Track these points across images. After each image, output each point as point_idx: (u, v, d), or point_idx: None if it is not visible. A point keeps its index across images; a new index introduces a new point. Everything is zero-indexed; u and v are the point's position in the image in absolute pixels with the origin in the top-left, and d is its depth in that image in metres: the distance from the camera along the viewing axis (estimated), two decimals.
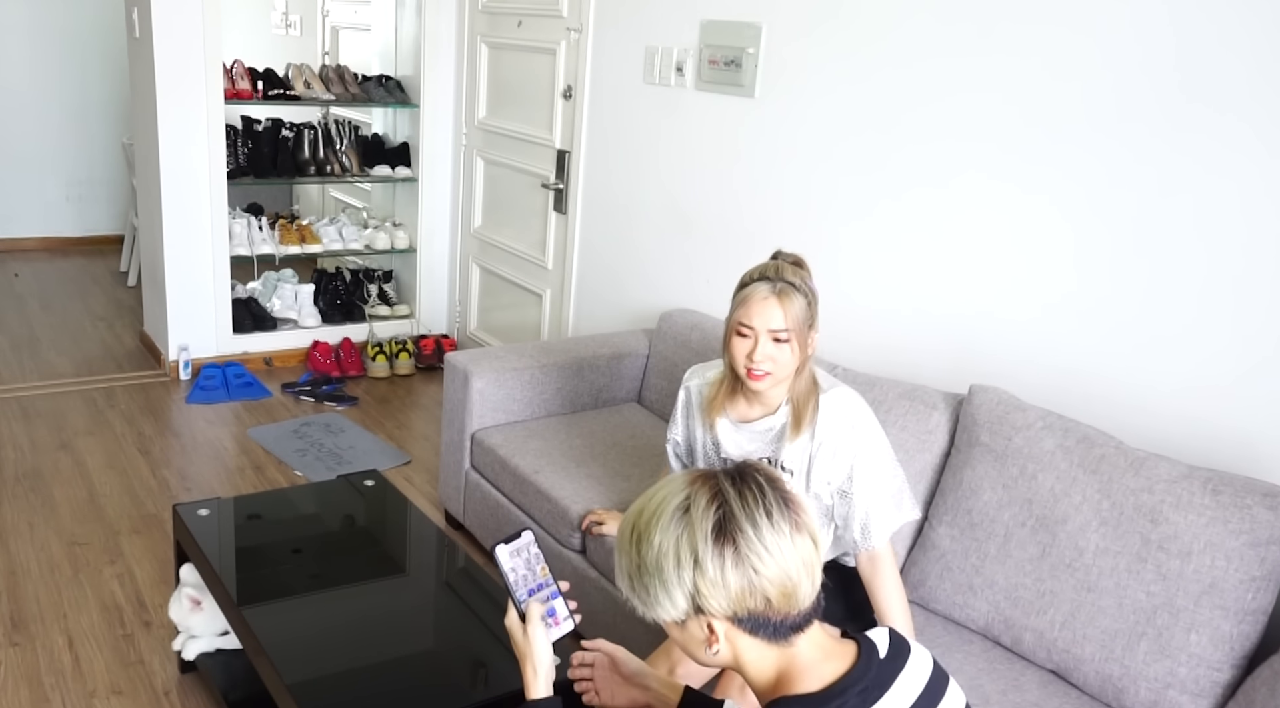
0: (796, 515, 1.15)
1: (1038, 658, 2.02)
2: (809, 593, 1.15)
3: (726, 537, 1.12)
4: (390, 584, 2.21)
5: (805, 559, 1.14)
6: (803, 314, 1.85)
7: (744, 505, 1.13)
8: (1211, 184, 2.01)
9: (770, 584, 1.12)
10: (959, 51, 2.44)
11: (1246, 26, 1.93)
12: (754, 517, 1.12)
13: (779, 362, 1.85)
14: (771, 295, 1.84)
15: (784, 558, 1.12)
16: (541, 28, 3.93)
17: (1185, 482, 1.88)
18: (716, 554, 1.12)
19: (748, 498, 1.14)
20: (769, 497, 1.14)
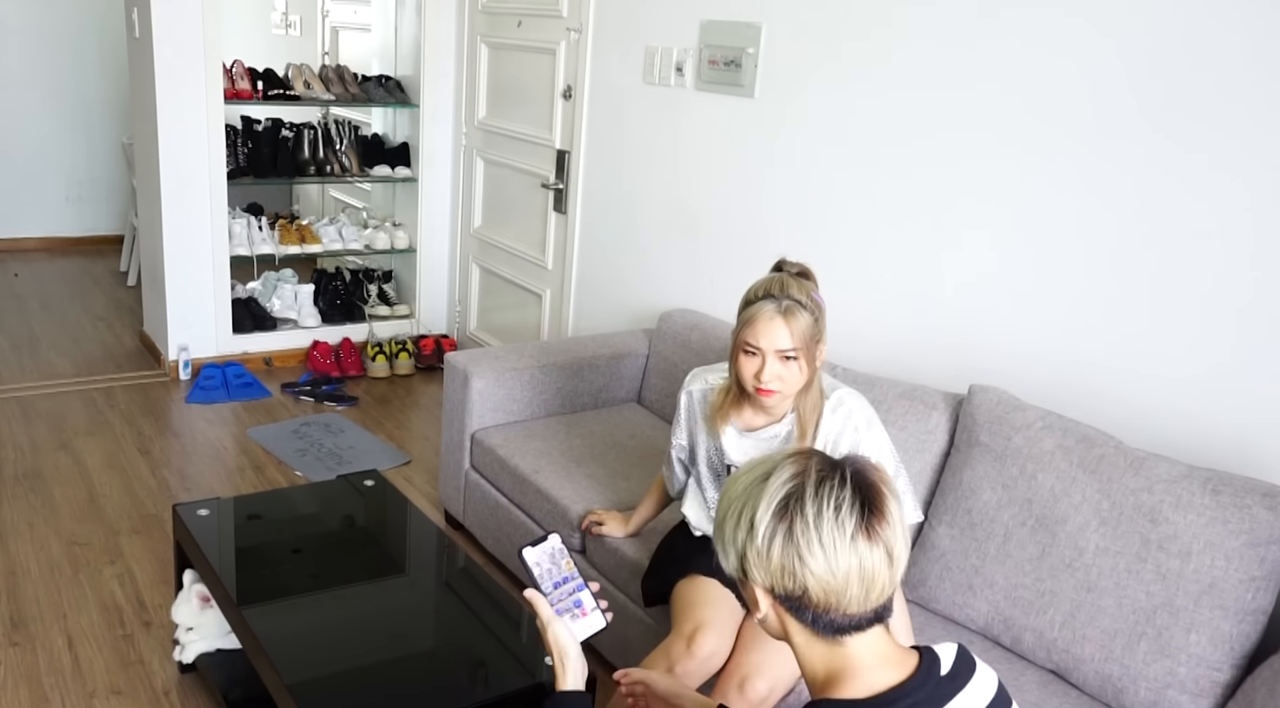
0: (874, 523, 1.11)
1: (1037, 658, 2.02)
2: (861, 599, 1.11)
3: (785, 514, 1.12)
4: (390, 584, 2.21)
5: (865, 567, 1.10)
6: (809, 331, 1.85)
7: (817, 492, 1.11)
8: (1212, 185, 2.01)
9: (812, 576, 1.11)
10: (959, 49, 2.44)
11: (1248, 27, 1.93)
12: (820, 506, 1.10)
13: (787, 379, 1.86)
14: (778, 315, 1.83)
15: (835, 557, 1.10)
16: (541, 28, 3.93)
17: (1185, 482, 1.88)
18: (770, 527, 1.12)
19: (825, 487, 1.11)
20: (848, 493, 1.11)
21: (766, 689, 1.85)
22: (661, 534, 2.32)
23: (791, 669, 1.92)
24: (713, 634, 1.91)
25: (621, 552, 2.40)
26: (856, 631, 1.14)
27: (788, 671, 1.91)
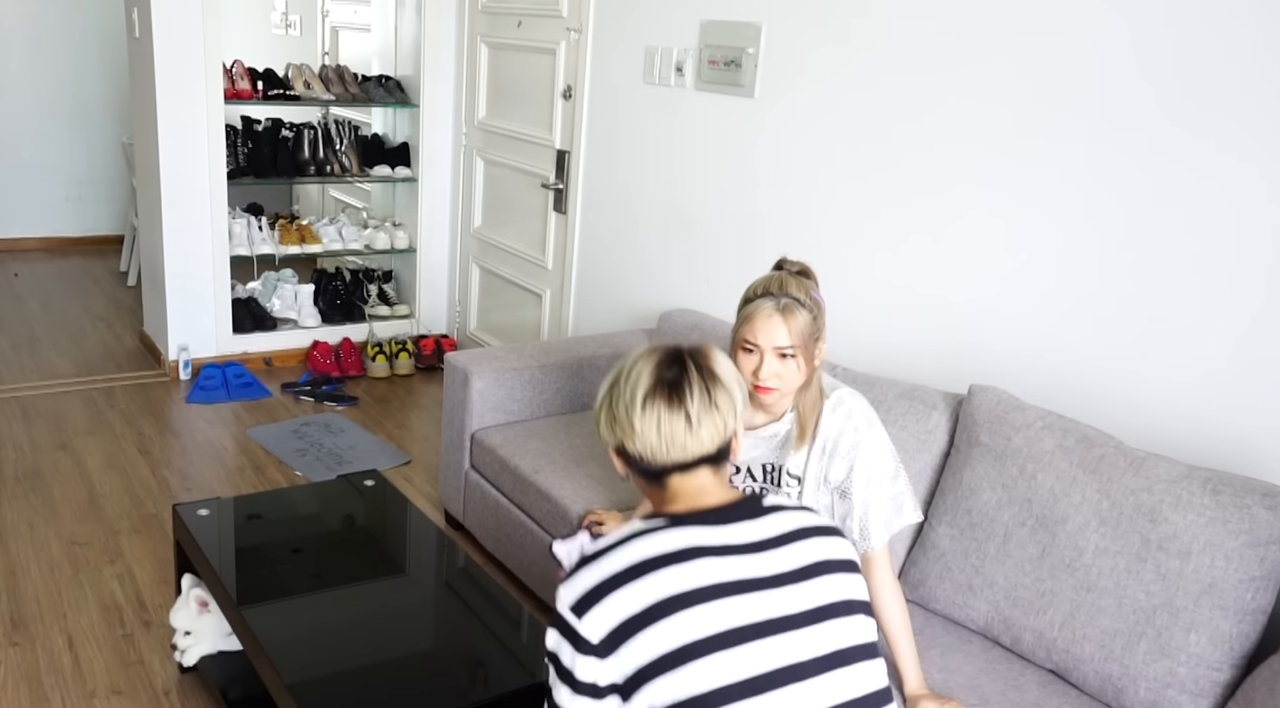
0: (674, 394, 1.36)
1: (1037, 658, 2.02)
2: (664, 452, 1.36)
3: (614, 387, 1.41)
4: (390, 584, 2.21)
5: (662, 429, 1.35)
6: (808, 329, 1.85)
7: (631, 370, 1.39)
8: (1210, 186, 2.01)
9: (625, 434, 1.38)
10: (959, 52, 2.44)
11: (1245, 29, 1.93)
12: (635, 380, 1.38)
13: (785, 377, 1.86)
14: (776, 313, 1.83)
15: (637, 419, 1.36)
16: (541, 28, 3.93)
17: (1185, 482, 1.88)
18: (606, 397, 1.42)
19: (643, 365, 1.39)
20: (661, 371, 1.37)
21: None
22: None
23: None
24: None
25: None
26: (677, 472, 1.38)
27: None
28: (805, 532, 1.38)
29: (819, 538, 1.38)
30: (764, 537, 1.34)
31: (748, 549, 1.32)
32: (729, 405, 1.39)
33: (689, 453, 1.37)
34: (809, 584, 1.33)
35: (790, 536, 1.36)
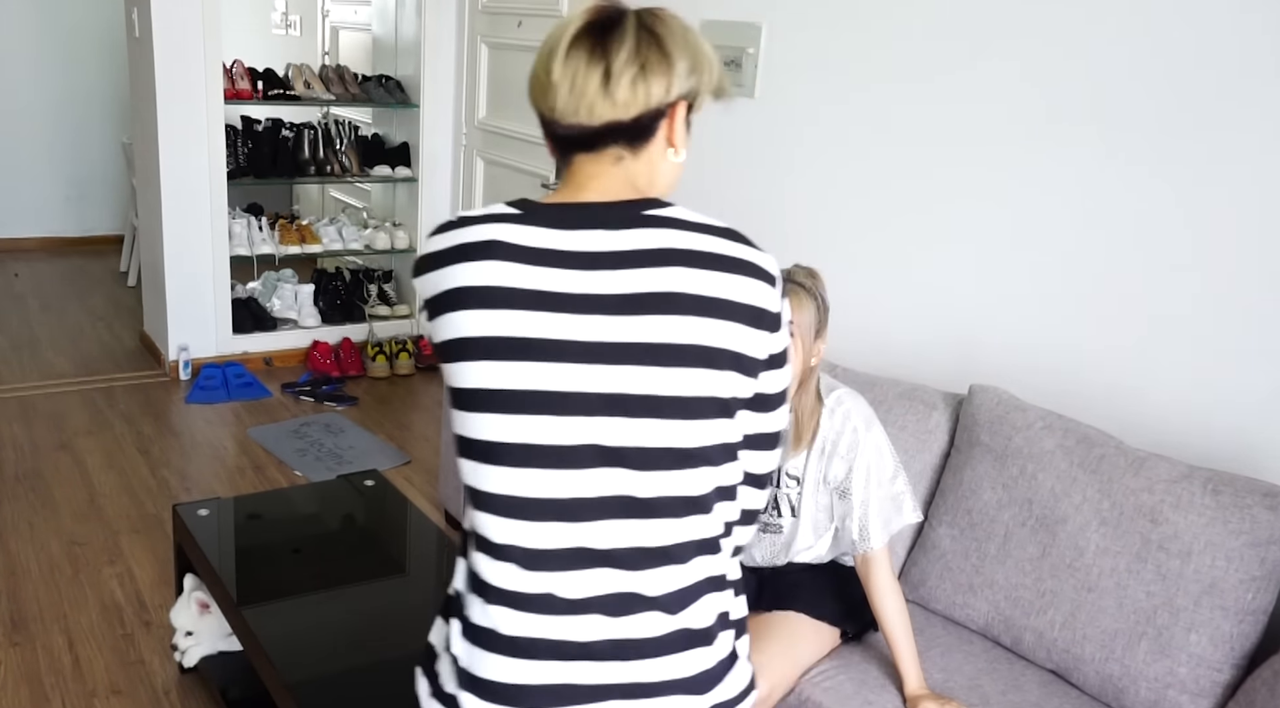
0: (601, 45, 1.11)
1: (1038, 658, 2.02)
2: (573, 110, 1.11)
3: (548, 43, 1.16)
4: (390, 584, 2.21)
5: (576, 80, 1.10)
6: (809, 317, 1.85)
7: (585, 21, 1.13)
8: (1210, 188, 2.01)
9: (548, 98, 1.13)
10: (960, 53, 2.44)
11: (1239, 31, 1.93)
12: (576, 32, 1.12)
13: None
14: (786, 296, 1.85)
15: (556, 62, 1.12)
16: (541, 28, 3.93)
17: (1185, 482, 1.88)
18: (537, 55, 1.17)
19: (594, 17, 1.13)
20: (594, 24, 1.12)
21: (766, 689, 1.85)
22: None
23: (791, 670, 1.92)
24: None
25: None
26: (583, 148, 1.13)
27: (787, 670, 1.91)
28: (677, 256, 1.08)
29: (698, 270, 1.07)
30: (609, 249, 1.07)
31: (574, 261, 1.06)
32: (665, 71, 1.12)
33: (596, 116, 1.10)
34: (638, 320, 1.05)
35: (650, 256, 1.07)
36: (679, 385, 1.05)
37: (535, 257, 1.07)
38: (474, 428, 1.08)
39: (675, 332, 1.04)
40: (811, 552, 2.04)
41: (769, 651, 1.90)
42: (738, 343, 1.08)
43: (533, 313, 1.05)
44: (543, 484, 1.06)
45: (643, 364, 1.04)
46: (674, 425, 1.05)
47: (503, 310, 1.05)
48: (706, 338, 1.05)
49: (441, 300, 1.08)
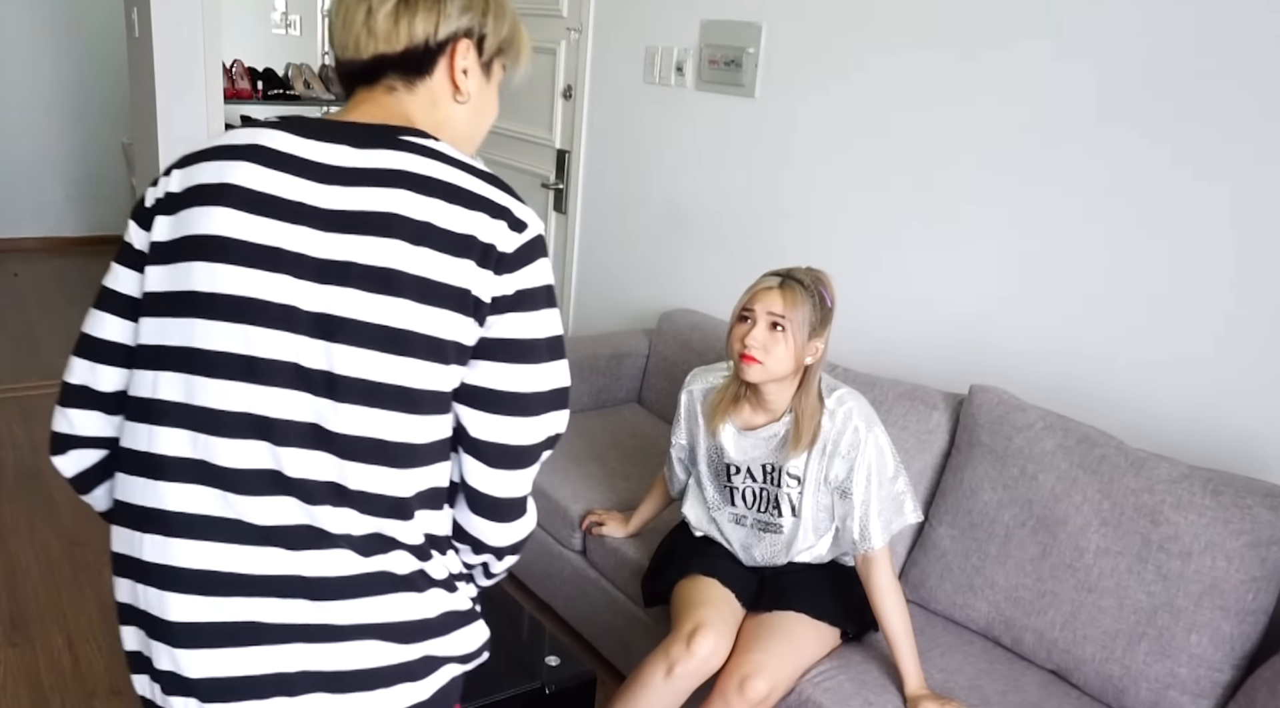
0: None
1: (1038, 659, 2.01)
2: (346, 44, 1.11)
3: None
4: None
5: (348, 13, 1.10)
6: (805, 312, 1.86)
7: None
8: (1211, 187, 2.01)
9: (332, 38, 1.13)
10: (961, 52, 2.43)
11: (1241, 34, 1.93)
12: None
13: (771, 352, 1.86)
14: (776, 286, 1.88)
15: (339, 20, 1.11)
16: (541, 28, 3.93)
17: (1186, 482, 1.88)
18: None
19: None
20: None
21: (766, 689, 1.85)
22: (662, 534, 2.32)
23: (791, 670, 1.92)
24: (712, 634, 1.91)
25: (622, 552, 2.40)
26: (363, 83, 1.12)
27: (788, 670, 1.90)
28: (409, 179, 1.01)
29: (426, 197, 1.00)
30: (349, 165, 1.02)
31: (313, 171, 1.02)
32: (431, 6, 1.09)
33: (363, 49, 1.09)
34: (353, 239, 0.99)
35: (382, 175, 1.01)
36: (387, 316, 0.97)
37: (280, 161, 1.03)
38: (163, 335, 1.02)
39: (390, 256, 0.98)
40: (812, 552, 2.04)
41: (769, 650, 1.90)
42: (461, 279, 0.99)
43: (258, 217, 1.00)
44: (234, 397, 0.98)
45: (353, 287, 0.98)
46: (377, 358, 0.97)
47: (232, 210, 1.01)
48: (423, 269, 0.98)
49: (178, 198, 1.04)
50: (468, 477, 1.08)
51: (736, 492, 2.04)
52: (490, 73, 1.18)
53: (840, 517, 1.96)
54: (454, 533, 1.12)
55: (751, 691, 1.84)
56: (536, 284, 1.05)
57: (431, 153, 1.05)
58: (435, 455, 1.04)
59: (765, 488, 2.01)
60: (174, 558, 1.01)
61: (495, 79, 1.19)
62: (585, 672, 1.91)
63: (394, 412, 0.99)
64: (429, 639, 1.06)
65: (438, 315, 0.99)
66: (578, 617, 2.58)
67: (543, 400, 1.06)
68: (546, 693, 1.84)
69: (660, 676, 1.90)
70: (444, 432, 1.04)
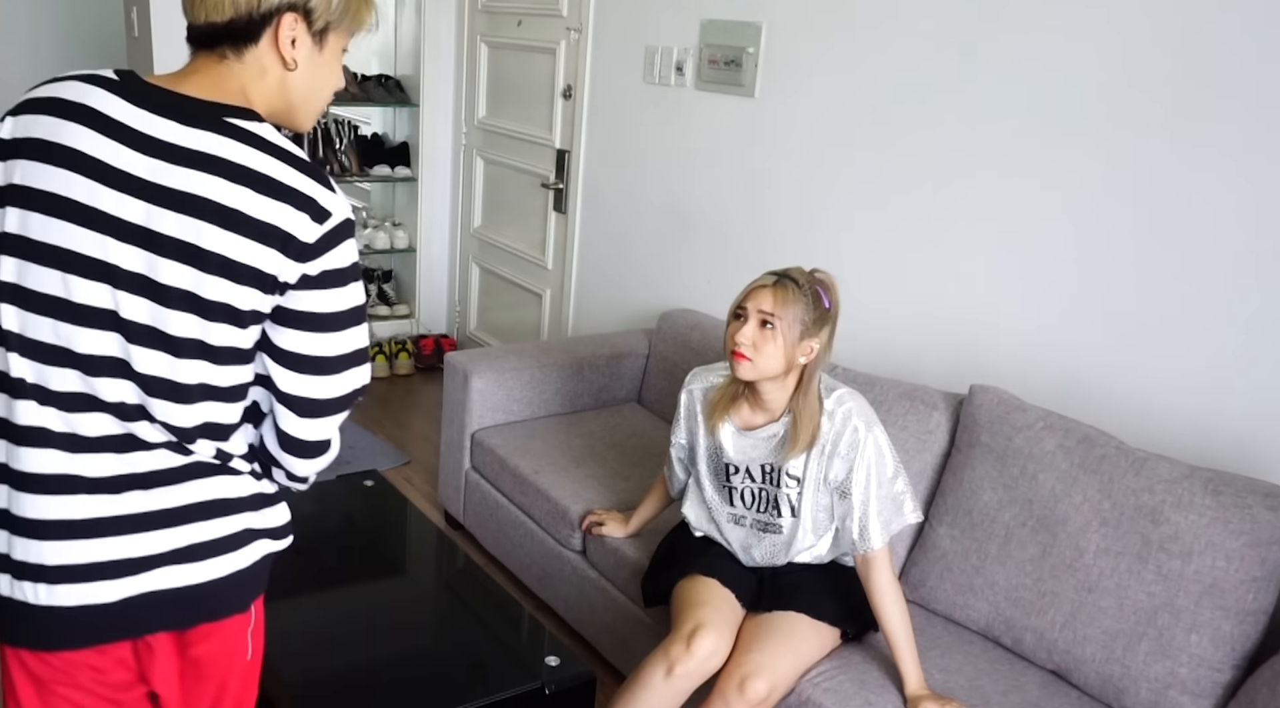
0: None
1: (1038, 659, 2.01)
2: (192, 17, 1.17)
3: None
4: (390, 584, 2.21)
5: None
6: (796, 311, 1.86)
7: None
8: (1210, 188, 2.01)
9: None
10: (962, 52, 2.43)
11: (1242, 33, 1.93)
12: None
13: (761, 350, 1.87)
14: (770, 285, 1.89)
15: None
16: (541, 27, 3.92)
17: (1186, 482, 1.88)
18: None
19: None
20: None
21: (766, 690, 1.85)
22: (661, 534, 2.32)
23: (791, 670, 1.92)
24: (712, 634, 1.91)
25: (621, 552, 2.40)
26: (204, 49, 1.18)
27: (787, 670, 1.90)
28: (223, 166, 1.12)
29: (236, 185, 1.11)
30: (175, 142, 1.12)
31: (143, 144, 1.12)
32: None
33: (198, 16, 1.16)
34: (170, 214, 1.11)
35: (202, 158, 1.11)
36: (192, 284, 1.12)
37: (111, 129, 1.12)
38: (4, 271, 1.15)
39: (200, 235, 1.11)
40: (812, 552, 2.04)
41: (769, 650, 1.90)
42: (263, 263, 1.13)
43: (86, 180, 1.11)
44: (59, 334, 1.14)
45: (165, 256, 1.11)
46: (181, 316, 1.13)
47: (64, 170, 1.12)
48: (229, 250, 1.12)
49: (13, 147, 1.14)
50: (279, 422, 1.25)
51: (735, 492, 2.04)
52: (323, 43, 1.22)
53: (840, 517, 1.96)
54: (261, 457, 1.30)
55: (751, 691, 1.84)
56: (337, 266, 1.19)
57: (251, 139, 1.15)
58: (236, 395, 1.22)
59: (764, 488, 2.01)
60: (25, 464, 1.16)
61: (331, 49, 1.24)
62: (585, 672, 1.91)
63: (193, 360, 1.16)
64: (244, 513, 1.28)
65: (238, 290, 1.14)
66: (578, 617, 2.58)
67: (344, 361, 1.23)
68: (546, 693, 1.84)
69: (660, 676, 1.90)
70: (244, 377, 1.22)
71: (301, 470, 1.32)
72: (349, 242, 1.21)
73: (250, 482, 1.28)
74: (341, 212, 1.19)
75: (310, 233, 1.15)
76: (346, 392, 1.26)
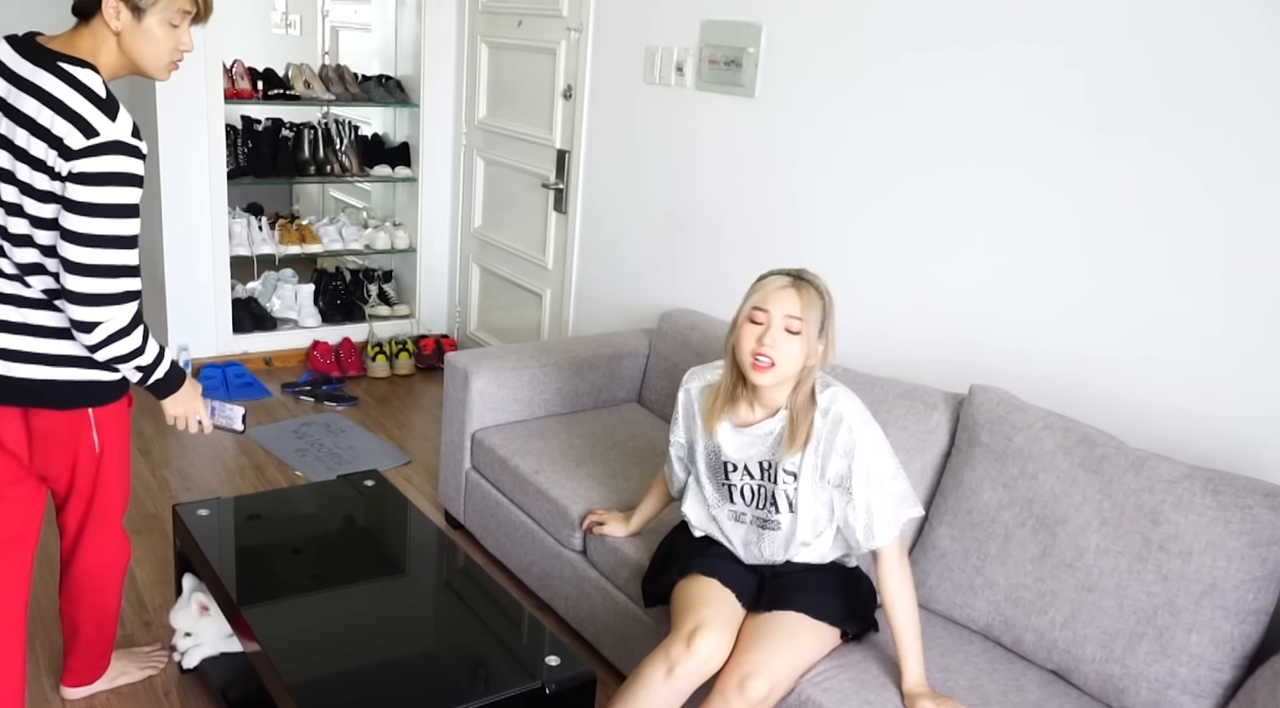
0: None
1: (1038, 658, 2.02)
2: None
3: None
4: (390, 584, 2.21)
5: None
6: (818, 313, 1.87)
7: None
8: (1209, 188, 2.01)
9: None
10: (961, 52, 2.44)
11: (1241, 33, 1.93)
12: None
13: (786, 353, 1.86)
14: (790, 285, 1.87)
15: None
16: (541, 28, 3.93)
17: (1186, 482, 1.88)
18: None
19: None
20: None
21: (766, 689, 1.85)
22: (661, 534, 2.32)
23: (791, 670, 1.92)
24: (712, 634, 1.91)
25: (622, 552, 2.40)
26: (74, 15, 1.77)
27: (788, 671, 1.91)
28: (42, 94, 1.72)
29: (44, 107, 1.71)
30: (24, 76, 1.75)
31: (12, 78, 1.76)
32: None
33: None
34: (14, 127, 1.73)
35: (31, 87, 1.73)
36: (13, 167, 1.75)
37: (6, 73, 1.78)
38: None
39: (25, 142, 1.72)
40: (812, 551, 2.04)
41: (768, 650, 1.90)
42: (46, 156, 1.71)
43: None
44: None
45: (9, 153, 1.75)
46: (8, 189, 1.77)
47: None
48: (37, 152, 1.72)
49: None
50: (60, 278, 1.78)
51: (734, 489, 2.05)
52: (140, 16, 1.77)
53: (841, 516, 1.96)
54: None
55: (751, 691, 1.84)
56: (96, 171, 1.71)
57: (65, 76, 1.74)
58: (51, 252, 1.79)
59: (763, 485, 2.01)
60: None
61: (151, 21, 1.77)
62: (585, 672, 1.91)
63: (19, 218, 1.78)
64: (60, 340, 1.86)
65: (35, 175, 1.73)
66: (578, 617, 2.59)
67: (103, 241, 1.75)
68: (546, 693, 1.84)
69: (660, 676, 1.90)
70: (48, 240, 1.79)
71: (74, 314, 1.78)
72: (111, 157, 1.71)
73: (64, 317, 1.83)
74: (110, 134, 1.72)
75: (78, 142, 1.70)
76: (103, 263, 1.75)
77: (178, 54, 1.84)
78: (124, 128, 1.73)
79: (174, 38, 1.81)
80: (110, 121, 1.71)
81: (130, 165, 1.74)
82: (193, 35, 1.86)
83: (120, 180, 1.73)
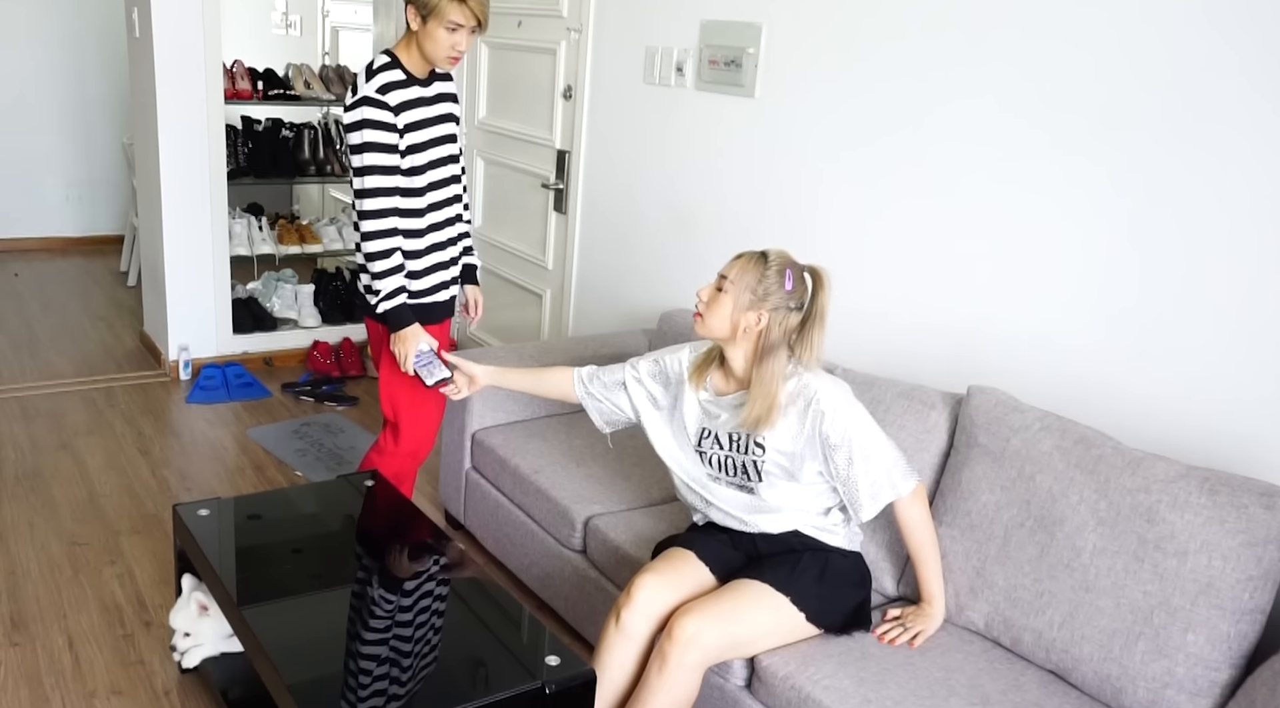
0: None
1: (1037, 658, 2.02)
2: None
3: None
4: (390, 584, 2.21)
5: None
6: (748, 279, 1.98)
7: None
8: (1211, 189, 2.01)
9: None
10: (962, 53, 2.44)
11: (1241, 33, 1.93)
12: None
13: (710, 307, 2.02)
14: (739, 255, 2.03)
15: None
16: (541, 28, 3.93)
17: (1182, 481, 1.88)
18: None
19: None
20: None
21: (692, 630, 1.92)
22: (663, 535, 2.33)
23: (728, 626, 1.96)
24: (651, 578, 2.03)
25: (622, 552, 2.41)
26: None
27: (723, 624, 1.96)
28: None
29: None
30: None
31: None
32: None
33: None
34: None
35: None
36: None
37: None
38: None
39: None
40: (789, 518, 2.07)
41: (710, 602, 1.98)
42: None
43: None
44: None
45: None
46: None
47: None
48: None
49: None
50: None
51: (706, 457, 2.14)
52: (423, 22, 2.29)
53: (847, 494, 2.02)
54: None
55: (678, 629, 1.92)
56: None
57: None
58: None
59: (730, 456, 2.09)
60: None
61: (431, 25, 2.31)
62: (585, 672, 1.91)
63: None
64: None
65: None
66: (578, 617, 2.59)
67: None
68: (546, 693, 1.85)
69: (613, 627, 2.03)
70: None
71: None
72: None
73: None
74: (361, 87, 2.41)
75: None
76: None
77: (454, 52, 2.55)
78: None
79: (450, 39, 2.52)
80: (363, 80, 2.50)
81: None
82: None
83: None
